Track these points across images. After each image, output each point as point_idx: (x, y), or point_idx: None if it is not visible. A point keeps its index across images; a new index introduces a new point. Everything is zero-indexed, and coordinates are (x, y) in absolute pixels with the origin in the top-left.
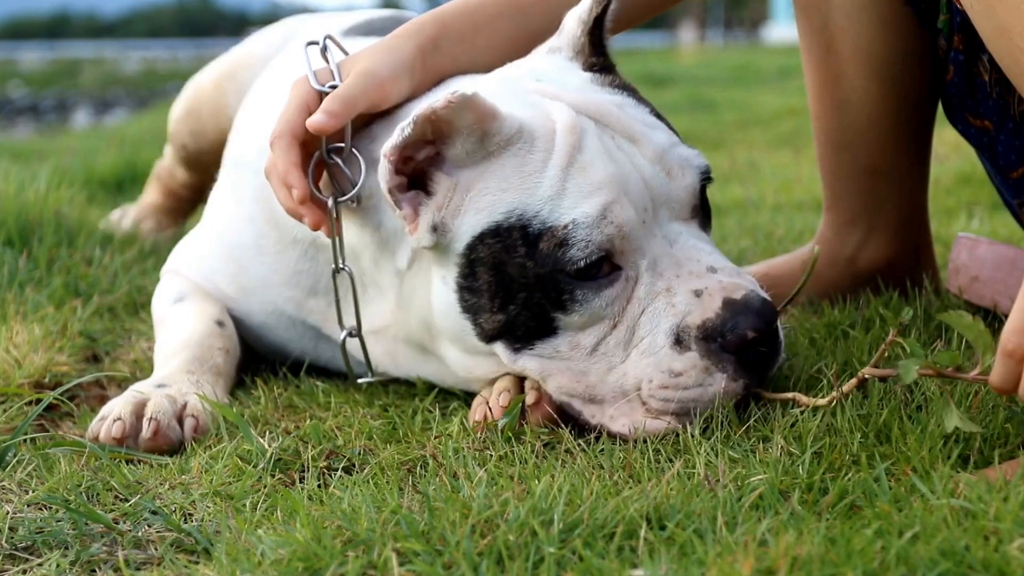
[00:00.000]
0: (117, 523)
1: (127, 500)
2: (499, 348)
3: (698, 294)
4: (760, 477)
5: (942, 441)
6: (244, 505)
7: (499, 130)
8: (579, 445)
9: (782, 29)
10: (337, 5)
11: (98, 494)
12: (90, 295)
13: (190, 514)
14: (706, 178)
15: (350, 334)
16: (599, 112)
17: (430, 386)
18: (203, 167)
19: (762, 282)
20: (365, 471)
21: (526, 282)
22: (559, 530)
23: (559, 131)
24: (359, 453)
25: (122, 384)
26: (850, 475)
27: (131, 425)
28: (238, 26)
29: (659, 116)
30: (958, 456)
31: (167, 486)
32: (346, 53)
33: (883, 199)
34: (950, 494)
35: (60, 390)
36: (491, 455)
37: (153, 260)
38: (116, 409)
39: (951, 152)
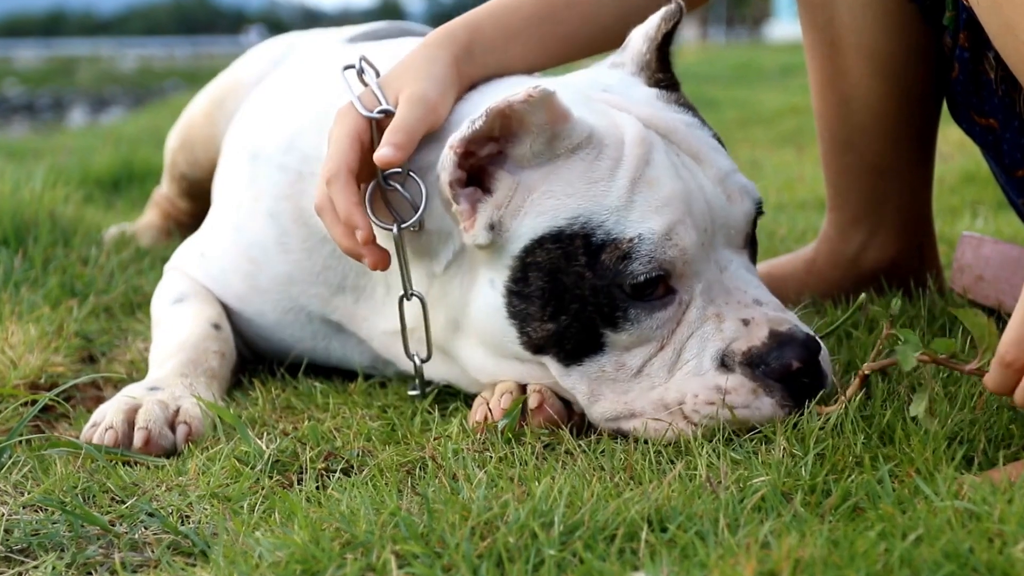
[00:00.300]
0: (113, 525)
1: (123, 502)
2: (549, 361)
3: (746, 323)
4: (762, 479)
5: (946, 443)
6: (241, 507)
7: (569, 133)
8: (580, 446)
9: (785, 27)
10: (334, 3)
11: (94, 496)
12: (86, 295)
13: (187, 516)
14: (759, 208)
15: (423, 361)
16: (667, 128)
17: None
18: (202, 195)
19: (772, 290)
20: (364, 473)
21: (580, 293)
22: (560, 532)
23: (628, 142)
24: (358, 454)
25: (118, 385)
26: (853, 477)
27: (123, 433)
28: (235, 23)
29: (720, 142)
30: (962, 458)
31: (164, 488)
32: (378, 73)
33: (887, 198)
34: (954, 496)
35: (56, 391)
36: (491, 456)
37: (149, 259)
38: (108, 417)
39: (955, 151)
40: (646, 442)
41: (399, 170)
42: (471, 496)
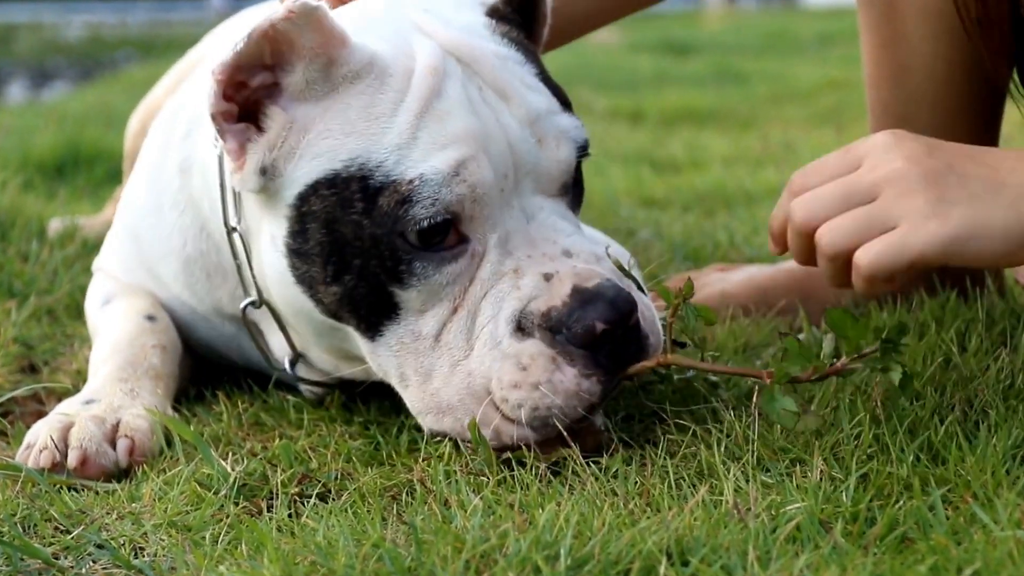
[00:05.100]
0: (57, 558)
1: (69, 532)
2: (353, 334)
3: (547, 278)
4: (797, 505)
5: (1006, 463)
6: (203, 537)
7: (347, 59)
8: (589, 468)
9: None
10: None
11: (35, 525)
12: (26, 296)
13: (141, 548)
14: (583, 152)
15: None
16: (472, 58)
17: None
18: None
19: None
20: (343, 498)
21: (361, 246)
22: (566, 566)
23: (418, 71)
24: (336, 477)
25: (63, 397)
26: (901, 503)
27: (60, 453)
28: None
29: (547, 81)
30: None
31: (115, 516)
32: None
33: None
34: (1016, 525)
35: None
36: (487, 480)
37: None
38: (42, 437)
39: (1015, 132)
40: (664, 465)
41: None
42: (465, 525)
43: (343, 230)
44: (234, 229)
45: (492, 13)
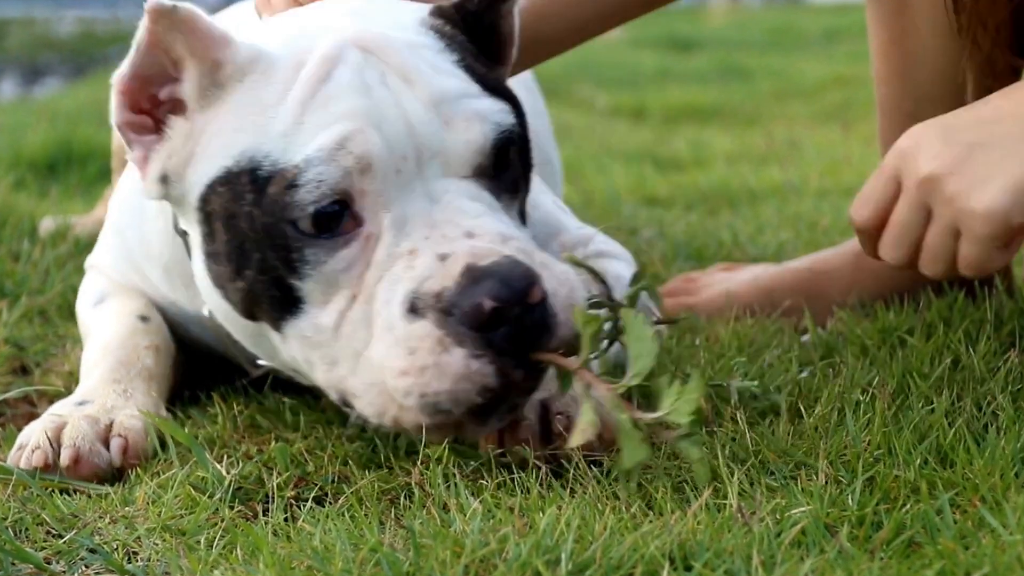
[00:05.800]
0: (49, 563)
1: (61, 536)
2: (267, 330)
3: (443, 258)
4: (802, 509)
5: (1015, 466)
6: (198, 542)
7: (231, 59)
8: (590, 471)
9: None
10: None
11: (27, 529)
12: (17, 296)
13: (135, 552)
14: (504, 136)
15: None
16: (377, 45)
17: None
18: None
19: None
20: (340, 502)
21: (256, 238)
22: (567, 571)
23: (309, 62)
24: (333, 481)
25: (55, 399)
26: (908, 506)
27: (52, 453)
28: None
29: (472, 69)
30: None
31: (108, 520)
32: None
33: None
34: None
35: None
36: (487, 483)
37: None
38: (34, 437)
39: None
40: (666, 468)
41: None
42: (464, 529)
43: (240, 224)
44: (185, 232)
45: (434, 12)
